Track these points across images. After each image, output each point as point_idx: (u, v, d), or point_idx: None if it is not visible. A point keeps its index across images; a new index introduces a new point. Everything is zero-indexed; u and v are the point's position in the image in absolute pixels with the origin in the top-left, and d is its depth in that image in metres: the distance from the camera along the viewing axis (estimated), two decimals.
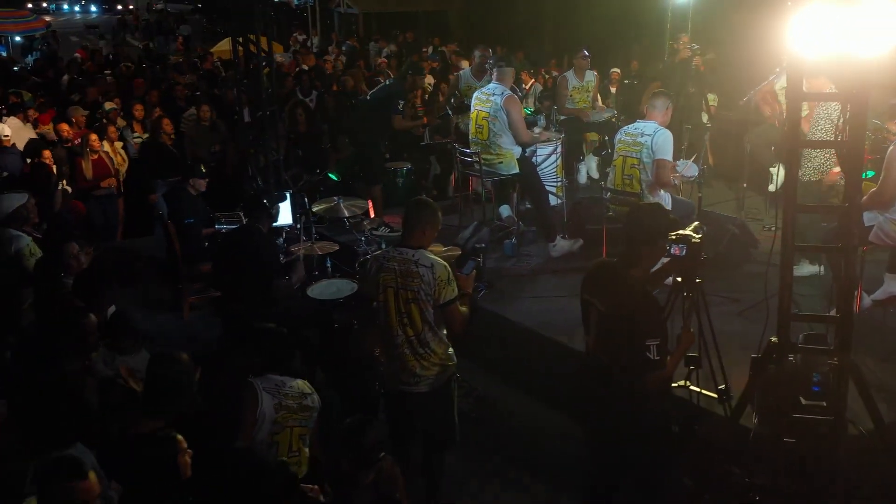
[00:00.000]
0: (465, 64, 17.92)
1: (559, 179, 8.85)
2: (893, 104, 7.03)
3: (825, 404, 4.84)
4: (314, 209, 7.72)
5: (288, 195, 7.97)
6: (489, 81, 9.56)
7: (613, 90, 14.10)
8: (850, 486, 4.90)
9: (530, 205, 8.76)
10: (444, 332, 5.11)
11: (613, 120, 10.98)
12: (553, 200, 8.72)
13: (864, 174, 9.31)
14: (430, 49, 21.74)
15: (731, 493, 5.01)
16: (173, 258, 8.55)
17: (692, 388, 5.38)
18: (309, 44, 25.32)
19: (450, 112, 10.87)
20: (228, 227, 8.47)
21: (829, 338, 5.28)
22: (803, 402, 4.76)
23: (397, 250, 5.04)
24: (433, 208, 5.12)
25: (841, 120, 6.76)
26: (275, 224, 7.48)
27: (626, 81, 14.49)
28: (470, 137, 8.49)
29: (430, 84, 14.15)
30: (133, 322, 5.53)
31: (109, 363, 5.25)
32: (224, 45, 19.96)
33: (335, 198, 7.75)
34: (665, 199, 7.03)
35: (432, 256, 5.00)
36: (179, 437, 4.04)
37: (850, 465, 4.89)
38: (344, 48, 22.64)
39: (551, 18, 24.42)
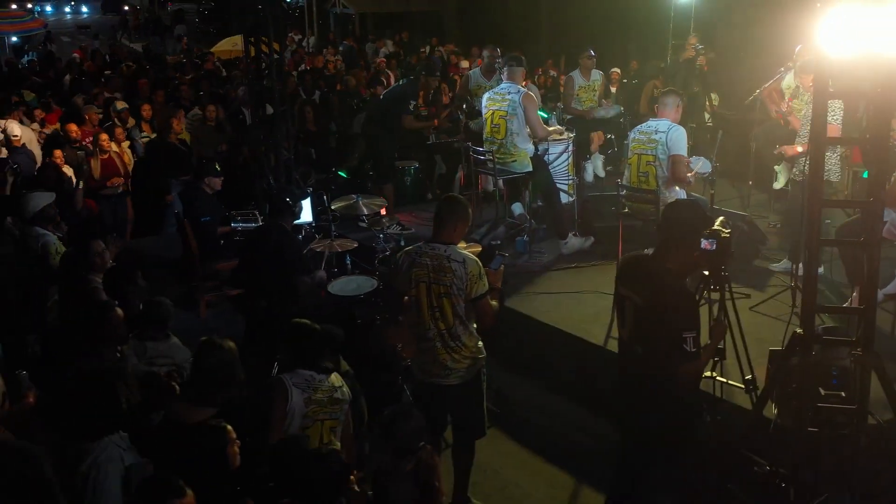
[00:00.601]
0: (464, 64, 18.09)
1: (571, 178, 8.98)
2: None
3: (844, 395, 5.01)
4: (333, 207, 7.82)
5: (308, 193, 8.07)
6: (499, 81, 9.73)
7: (614, 90, 14.23)
8: (869, 474, 5.05)
9: (542, 203, 8.87)
10: (474, 325, 5.23)
11: (621, 120, 11.13)
12: (564, 198, 8.84)
13: (865, 174, 9.62)
14: (428, 49, 21.85)
15: (754, 482, 5.15)
16: (189, 256, 8.63)
17: (718, 378, 5.51)
18: (305, 44, 25.40)
19: (461, 116, 10.99)
20: (244, 225, 8.59)
21: (847, 331, 5.47)
22: (822, 392, 4.91)
23: (430, 246, 5.15)
24: (464, 205, 5.25)
25: (837, 118, 7.00)
26: (296, 221, 7.56)
27: (625, 81, 14.63)
28: (485, 136, 8.60)
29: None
30: (164, 309, 5.59)
31: (141, 354, 5.34)
32: (224, 45, 20.06)
33: (354, 196, 7.85)
34: (680, 195, 7.16)
35: (464, 252, 5.12)
36: (229, 427, 4.14)
37: (870, 454, 5.04)
38: (341, 48, 22.73)
39: (546, 18, 24.53)
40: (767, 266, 8.10)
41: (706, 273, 5.15)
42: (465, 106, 10.49)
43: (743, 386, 5.46)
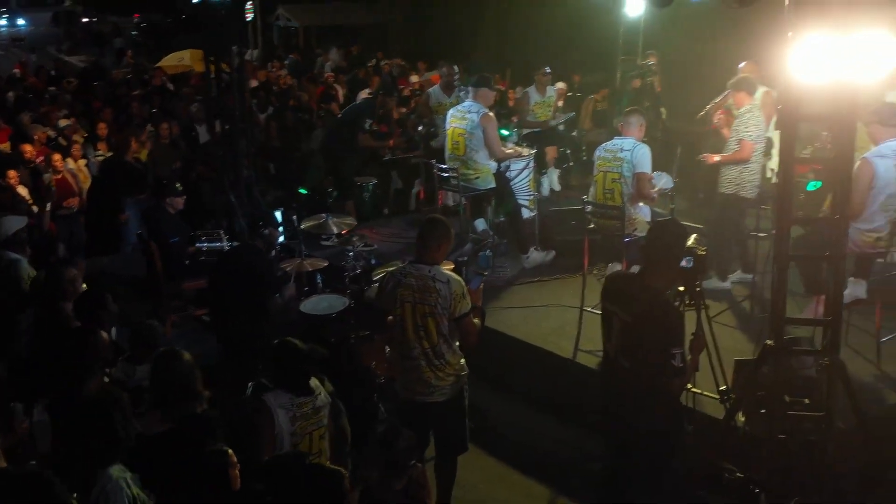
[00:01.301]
0: (414, 78, 18.23)
1: (531, 193, 9.17)
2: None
3: (808, 401, 5.26)
4: (303, 226, 7.88)
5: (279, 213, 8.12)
6: (458, 97, 9.92)
7: (561, 104, 14.48)
8: (836, 475, 5.29)
9: (504, 218, 9.04)
10: (457, 343, 5.37)
11: (573, 134, 11.39)
12: (526, 213, 9.02)
13: (809, 186, 9.96)
14: (375, 62, 21.93)
15: (727, 489, 5.35)
16: (154, 276, 8.60)
17: (693, 390, 5.71)
18: (249, 57, 25.24)
19: (417, 139, 11.13)
20: (210, 244, 8.58)
21: (807, 341, 5.73)
22: (787, 400, 5.15)
23: (414, 266, 5.28)
24: (447, 225, 5.39)
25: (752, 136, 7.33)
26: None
27: (570, 94, 14.89)
28: (447, 153, 8.76)
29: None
30: (153, 332, 5.63)
31: (131, 375, 5.37)
32: (170, 60, 19.88)
33: (323, 214, 7.93)
34: (645, 211, 7.39)
35: (447, 272, 5.26)
36: (230, 450, 4.21)
37: (836, 459, 5.28)
38: (287, 62, 22.68)
39: (492, 31, 24.76)
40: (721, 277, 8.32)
41: (681, 289, 5.34)
42: (420, 128, 10.61)
43: (718, 396, 5.67)
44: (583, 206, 8.14)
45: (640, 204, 7.36)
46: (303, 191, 10.17)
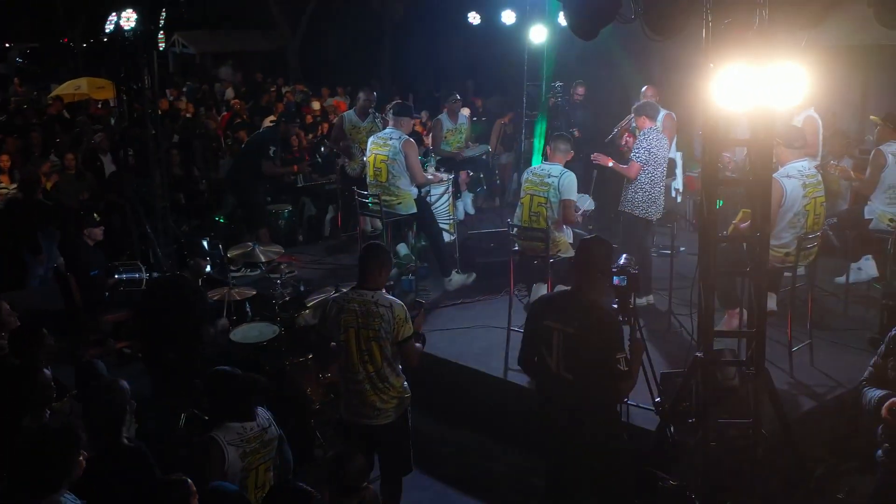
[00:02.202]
0: (315, 104, 18.30)
1: (451, 217, 9.36)
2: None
3: (731, 411, 5.56)
4: (230, 255, 7.87)
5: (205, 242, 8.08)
6: (373, 122, 10.10)
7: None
8: (764, 478, 5.59)
9: (425, 242, 9.20)
10: (400, 366, 5.49)
11: (483, 156, 11.66)
12: (446, 237, 9.20)
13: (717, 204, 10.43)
14: (276, 89, 21.90)
15: (664, 497, 5.60)
16: (72, 310, 8.43)
17: (628, 402, 5.95)
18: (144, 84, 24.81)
19: (319, 160, 11.21)
20: (129, 275, 8.49)
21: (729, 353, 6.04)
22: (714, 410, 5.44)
23: (356, 292, 5.39)
24: (386, 251, 5.55)
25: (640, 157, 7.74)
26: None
27: (474, 119, 15.21)
28: (368, 180, 8.87)
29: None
30: (94, 367, 5.58)
31: (80, 415, 5.28)
32: (66, 89, 19.40)
33: (250, 243, 7.94)
34: (568, 233, 7.66)
35: (390, 297, 5.39)
36: (189, 480, 4.22)
37: (763, 461, 5.59)
38: (185, 89, 22.42)
39: (389, 57, 25.08)
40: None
41: (615, 305, 5.57)
42: (323, 149, 10.72)
43: (653, 408, 5.92)
44: (500, 229, 8.41)
45: (565, 227, 7.62)
46: (220, 219, 10.11)
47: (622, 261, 5.40)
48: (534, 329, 5.05)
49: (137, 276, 8.51)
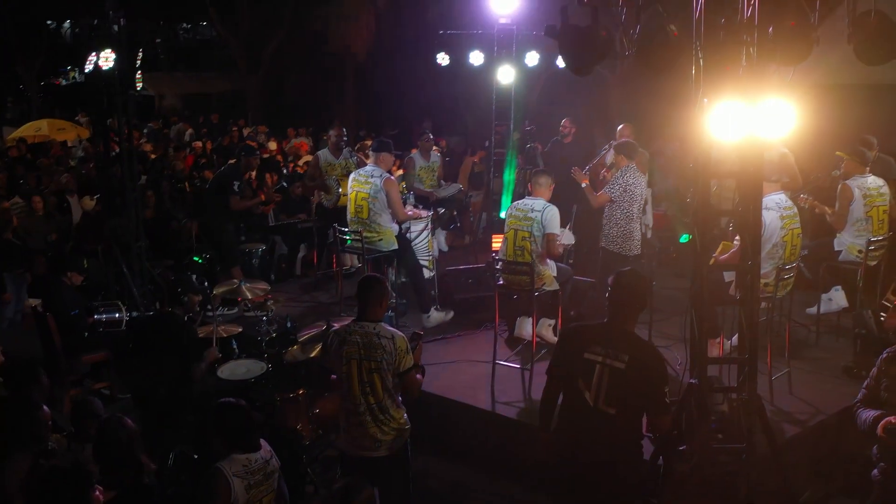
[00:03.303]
0: (272, 145, 18.38)
1: (430, 253, 9.47)
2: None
3: (720, 436, 5.70)
4: (216, 291, 7.87)
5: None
6: (347, 158, 10.22)
7: None
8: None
9: (405, 279, 9.29)
10: (400, 398, 5.55)
11: (455, 193, 11.82)
12: (426, 273, 9.29)
13: (682, 238, 10.70)
14: (237, 130, 21.92)
15: None
16: (51, 351, 8.35)
17: None
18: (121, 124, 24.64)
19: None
20: (108, 315, 8.44)
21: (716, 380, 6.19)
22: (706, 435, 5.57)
23: (358, 324, 5.46)
24: (384, 284, 5.63)
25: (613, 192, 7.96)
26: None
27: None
28: (349, 217, 8.96)
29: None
30: (96, 408, 5.54)
31: (79, 452, 5.26)
32: (27, 130, 19.24)
33: (235, 280, 7.95)
34: (552, 266, 7.79)
35: (391, 329, 5.47)
36: None
37: (755, 484, 5.72)
38: (145, 131, 22.34)
39: (352, 98, 25.26)
40: None
41: None
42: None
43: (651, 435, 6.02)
44: (477, 265, 8.53)
45: (549, 260, 7.76)
46: (197, 259, 10.10)
47: None
48: (570, 363, 4.93)
49: (117, 315, 8.46)
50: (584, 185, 8.69)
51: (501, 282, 7.85)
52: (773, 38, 5.13)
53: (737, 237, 7.25)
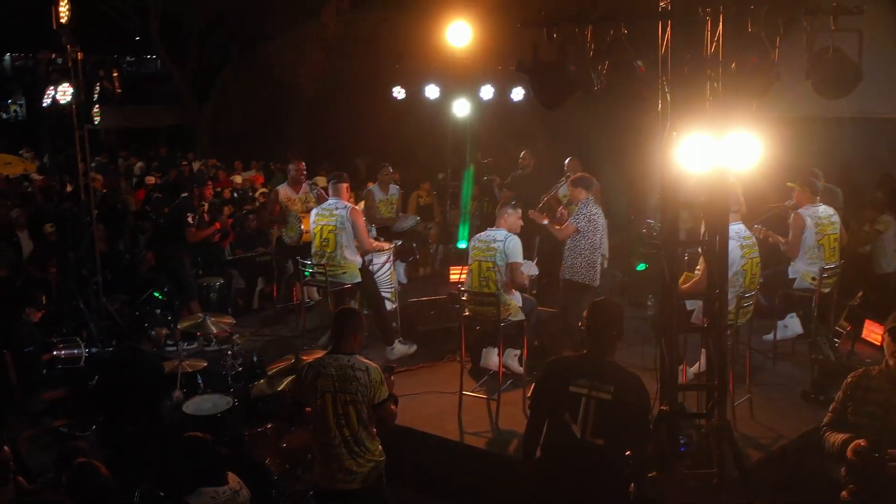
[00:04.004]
0: (238, 179, 18.30)
1: (392, 285, 9.50)
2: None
3: (690, 462, 5.80)
4: (180, 326, 7.81)
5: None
6: (307, 192, 10.24)
7: None
8: None
9: (368, 311, 9.29)
10: (374, 430, 5.55)
11: (413, 224, 11.91)
12: (388, 305, 9.32)
13: (638, 266, 10.87)
14: (188, 164, 21.77)
15: None
16: (7, 388, 8.18)
17: None
18: (45, 160, 24.33)
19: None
20: (68, 351, 8.33)
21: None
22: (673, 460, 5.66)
23: (332, 357, 5.47)
24: (360, 316, 5.65)
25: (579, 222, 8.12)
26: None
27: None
28: (313, 251, 8.97)
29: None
30: (77, 452, 5.47)
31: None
32: None
33: (200, 314, 7.89)
34: (517, 297, 7.87)
35: (365, 361, 5.48)
36: None
37: None
38: (93, 164, 22.01)
39: (299, 130, 25.24)
40: None
41: None
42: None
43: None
44: (439, 297, 8.57)
45: (514, 290, 7.84)
46: (157, 295, 9.97)
47: None
48: (555, 397, 4.94)
49: (76, 352, 8.36)
50: (545, 222, 8.78)
51: (467, 313, 7.89)
52: (737, 73, 5.30)
53: (698, 266, 7.45)
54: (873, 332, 9.20)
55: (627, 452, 4.88)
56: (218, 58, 25.06)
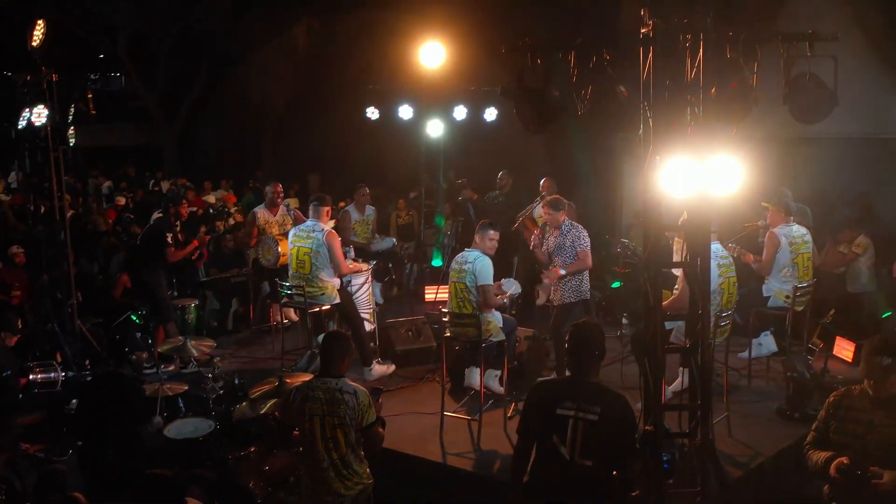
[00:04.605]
0: (211, 199, 18.22)
1: (371, 306, 9.52)
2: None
3: (672, 481, 5.87)
4: (160, 350, 7.77)
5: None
6: (285, 214, 10.25)
7: None
8: None
9: (347, 331, 9.28)
10: (362, 453, 5.58)
11: (391, 246, 11.95)
12: (367, 326, 9.33)
13: (613, 284, 10.97)
14: (153, 183, 21.64)
15: None
16: None
17: None
18: (11, 180, 24.05)
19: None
20: (45, 375, 8.24)
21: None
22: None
23: (320, 380, 5.50)
24: (349, 340, 5.70)
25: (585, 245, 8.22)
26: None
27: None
28: (290, 272, 8.98)
29: None
30: (59, 476, 5.43)
31: None
32: None
33: (181, 338, 7.85)
34: (497, 316, 7.94)
35: (353, 384, 5.52)
36: None
37: None
38: (35, 179, 21.72)
39: (268, 149, 25.18)
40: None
41: None
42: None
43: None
44: (416, 317, 8.62)
45: (493, 310, 7.90)
46: (134, 318, 9.90)
47: None
48: (543, 421, 4.99)
49: (53, 375, 8.26)
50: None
51: (448, 333, 7.93)
52: (717, 98, 5.42)
53: (676, 285, 7.56)
54: (844, 349, 9.39)
55: (614, 472, 4.95)
56: (187, 76, 24.90)
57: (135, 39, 24.08)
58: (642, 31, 5.40)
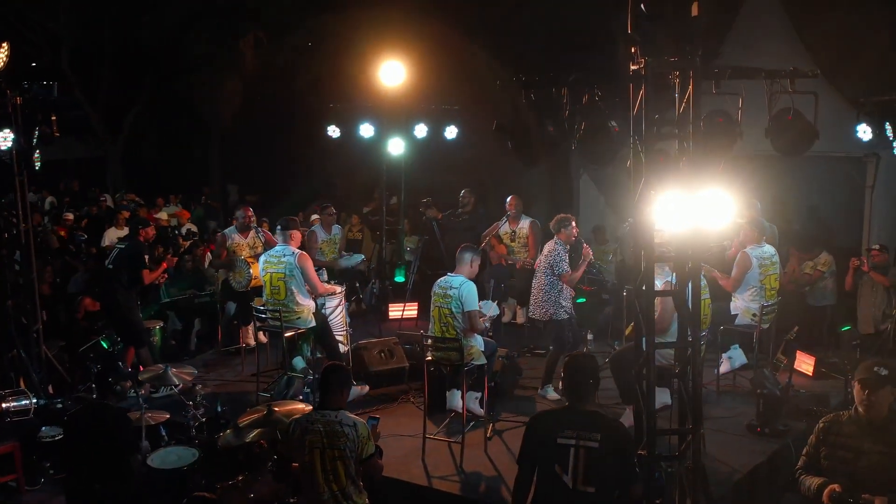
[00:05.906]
0: (163, 215, 18.00)
1: (345, 328, 9.55)
2: None
3: (661, 500, 6.03)
4: (141, 378, 7.69)
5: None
6: (255, 237, 10.24)
7: None
8: None
9: (321, 354, 9.33)
10: (361, 483, 5.63)
11: (358, 264, 11.99)
12: (341, 348, 9.36)
13: (577, 300, 11.15)
14: (107, 198, 21.28)
15: None
16: None
17: None
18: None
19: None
20: (16, 404, 8.12)
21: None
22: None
23: (319, 413, 5.55)
24: (348, 372, 5.75)
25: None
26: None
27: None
28: (265, 298, 8.97)
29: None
30: None
31: None
32: None
33: (161, 366, 7.78)
34: (478, 340, 8.02)
35: (352, 416, 5.57)
36: None
37: None
38: (4, 201, 21.28)
39: (217, 164, 24.95)
40: (535, 393, 9.18)
41: None
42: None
43: None
44: (387, 337, 8.67)
45: (475, 335, 7.99)
46: (104, 343, 9.73)
47: None
48: (544, 450, 5.08)
49: (25, 403, 8.14)
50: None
51: (429, 357, 7.99)
52: (704, 132, 5.59)
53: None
54: (804, 363, 9.70)
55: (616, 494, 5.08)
56: (132, 88, 24.50)
57: (77, 51, 23.64)
58: (633, 67, 5.55)
